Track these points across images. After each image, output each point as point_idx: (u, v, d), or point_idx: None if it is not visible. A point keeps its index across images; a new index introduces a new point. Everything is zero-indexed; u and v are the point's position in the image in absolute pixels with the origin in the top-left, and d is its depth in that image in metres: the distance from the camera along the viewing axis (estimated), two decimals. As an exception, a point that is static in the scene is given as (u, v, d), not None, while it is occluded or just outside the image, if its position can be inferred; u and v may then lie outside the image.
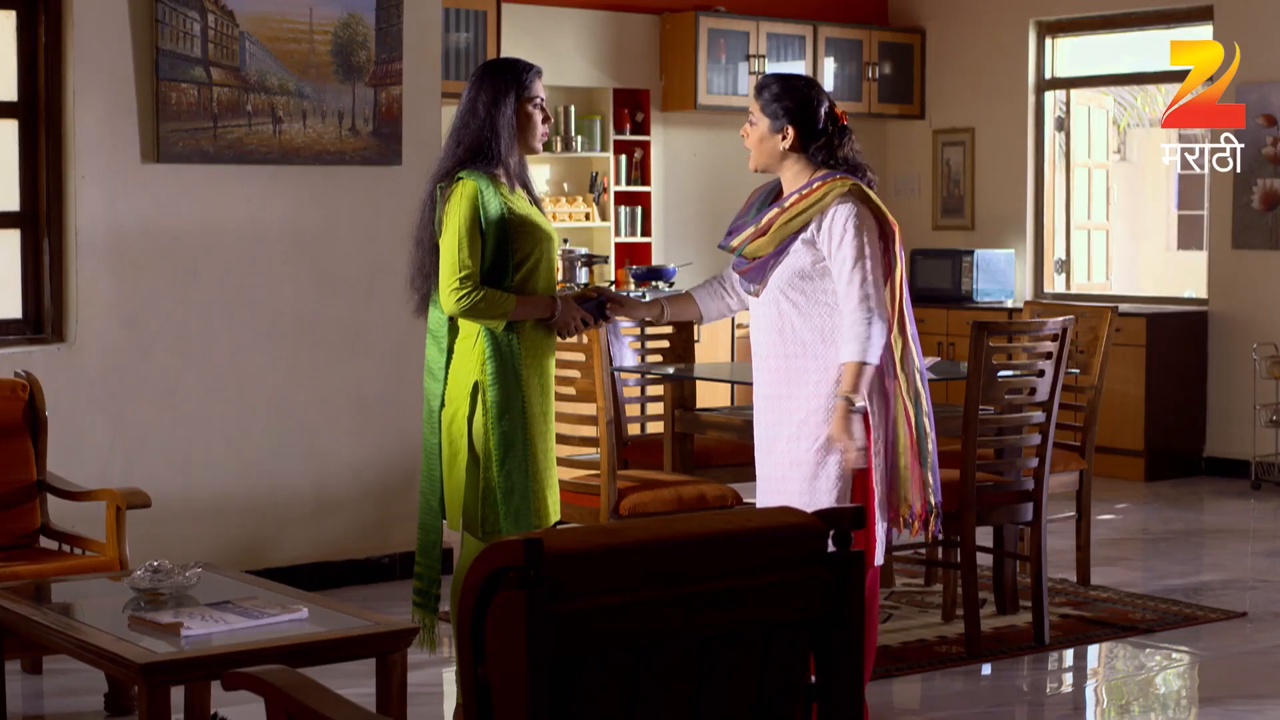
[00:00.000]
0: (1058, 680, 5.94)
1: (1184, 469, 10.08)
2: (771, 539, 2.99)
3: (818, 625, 3.01)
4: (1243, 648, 6.20)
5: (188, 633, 4.00)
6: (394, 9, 7.03)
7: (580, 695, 2.78)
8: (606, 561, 2.81)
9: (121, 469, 6.54)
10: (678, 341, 7.41)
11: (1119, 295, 11.17)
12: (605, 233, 10.57)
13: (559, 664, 2.74)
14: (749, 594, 2.93)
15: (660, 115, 10.76)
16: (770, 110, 4.70)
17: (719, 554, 2.93)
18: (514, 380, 4.82)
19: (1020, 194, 11.06)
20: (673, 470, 6.59)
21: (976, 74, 11.16)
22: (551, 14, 10.26)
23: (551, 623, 2.71)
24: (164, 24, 6.54)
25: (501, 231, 4.80)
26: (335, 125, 6.96)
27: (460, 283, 4.78)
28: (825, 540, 3.02)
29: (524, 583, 2.69)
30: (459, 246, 4.79)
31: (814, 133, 4.68)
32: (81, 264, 6.51)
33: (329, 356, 7.02)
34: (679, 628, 2.88)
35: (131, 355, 6.62)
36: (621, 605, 2.81)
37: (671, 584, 2.86)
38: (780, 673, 3.00)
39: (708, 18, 10.57)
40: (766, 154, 4.76)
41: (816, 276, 4.64)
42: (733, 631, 2.94)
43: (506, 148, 4.88)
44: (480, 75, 5.01)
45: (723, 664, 2.93)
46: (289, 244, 6.92)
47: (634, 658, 2.83)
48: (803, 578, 2.99)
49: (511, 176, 4.93)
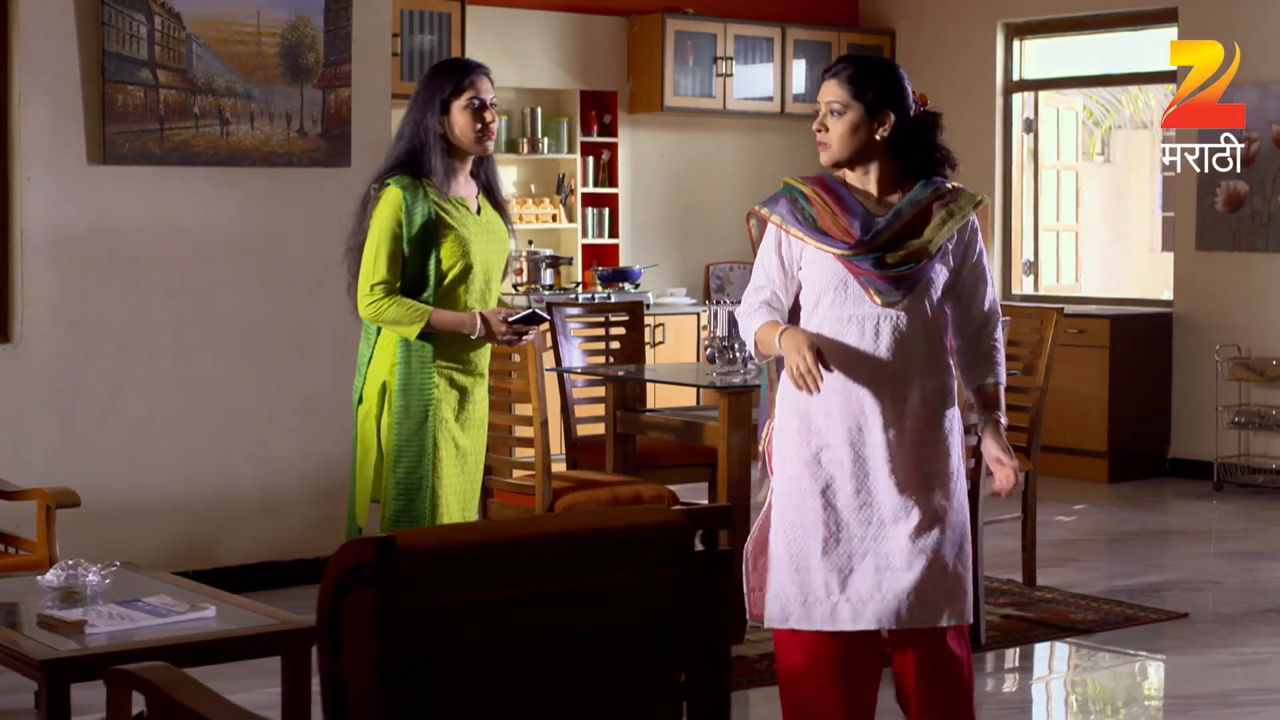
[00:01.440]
0: (983, 681, 5.95)
1: (1148, 470, 10.10)
2: (637, 538, 3.00)
3: (684, 624, 3.03)
4: (1178, 649, 6.22)
5: (92, 630, 4.03)
6: (343, 11, 7.06)
7: (439, 693, 2.80)
8: (464, 559, 2.83)
9: (67, 469, 6.56)
10: (628, 342, 7.44)
11: (1088, 297, 11.18)
12: (572, 234, 10.59)
13: (414, 661, 2.76)
14: (614, 592, 2.95)
15: (628, 117, 10.78)
16: (863, 95, 4.09)
17: (582, 552, 2.94)
18: (419, 386, 4.83)
19: (988, 195, 11.06)
20: (614, 471, 6.62)
21: (945, 76, 11.18)
22: (517, 16, 10.29)
23: (405, 620, 2.72)
24: (110, 26, 6.57)
25: (424, 241, 4.80)
26: (283, 127, 6.99)
27: (371, 290, 4.81)
28: (692, 539, 3.04)
29: (376, 580, 2.72)
30: (375, 254, 4.81)
31: (908, 119, 4.13)
32: (27, 265, 6.54)
33: (276, 357, 7.05)
34: (541, 625, 2.89)
35: (77, 356, 6.64)
36: (480, 603, 2.82)
37: (533, 582, 2.88)
38: (648, 671, 3.02)
39: (675, 20, 10.59)
40: (857, 145, 4.11)
41: (944, 291, 4.18)
42: (598, 629, 2.95)
43: (439, 154, 4.85)
44: (423, 78, 5.00)
45: (588, 662, 2.94)
46: (236, 245, 6.95)
47: (495, 655, 2.84)
48: (670, 576, 3.00)
49: (446, 183, 4.89)
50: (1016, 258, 11.16)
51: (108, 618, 4.12)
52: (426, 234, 4.79)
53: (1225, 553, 8.11)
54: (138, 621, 4.11)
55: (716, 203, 11.19)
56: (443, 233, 4.83)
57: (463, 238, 4.87)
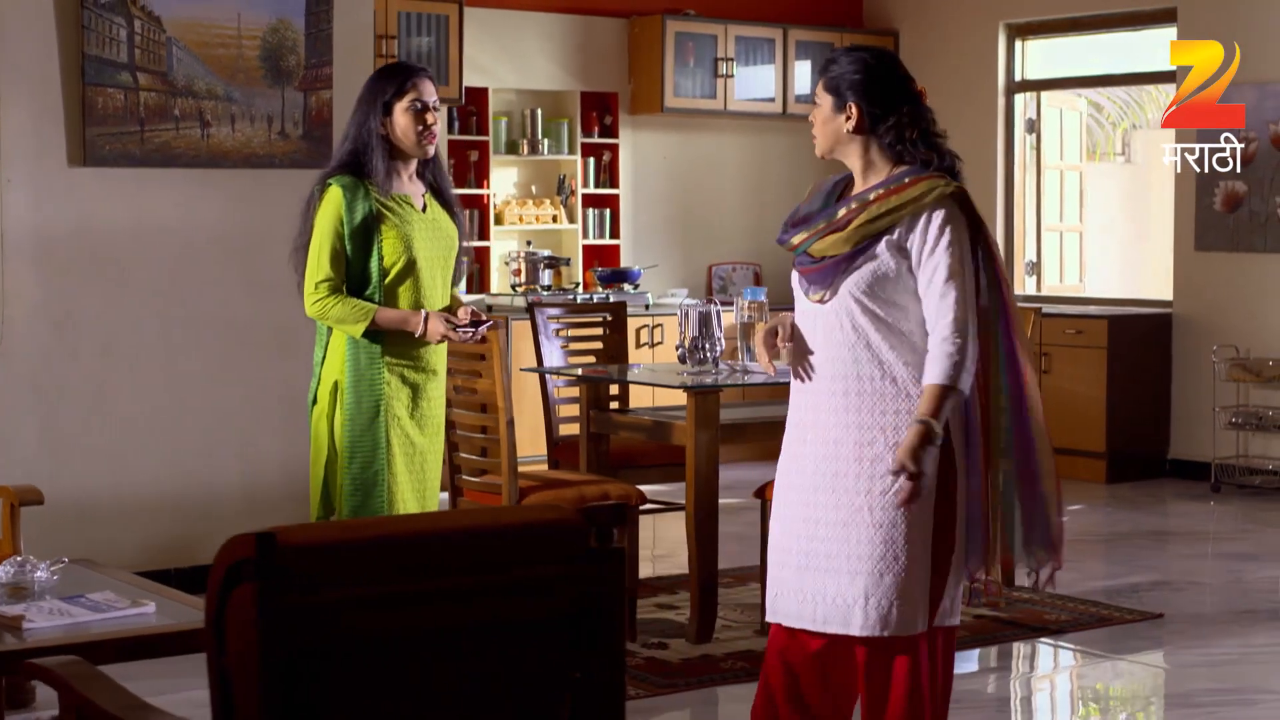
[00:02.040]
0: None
1: (1147, 471, 10.08)
2: (529, 535, 3.03)
3: (578, 621, 3.06)
4: (1145, 649, 6.22)
5: (29, 626, 4.08)
6: (324, 14, 7.12)
7: (325, 688, 2.83)
8: (349, 555, 2.86)
9: (51, 469, 6.63)
10: (611, 343, 7.47)
11: (1091, 297, 11.17)
12: (573, 235, 10.64)
13: (299, 657, 2.79)
14: (508, 589, 2.97)
15: (629, 118, 10.82)
16: (832, 86, 4.11)
17: (472, 549, 2.97)
18: (370, 382, 4.94)
19: (990, 196, 11.08)
20: (589, 470, 6.65)
21: (948, 76, 11.18)
22: (516, 18, 10.34)
23: (287, 616, 2.75)
24: (89, 30, 6.64)
25: (365, 238, 4.91)
26: (265, 129, 7.05)
27: (316, 288, 4.96)
28: (586, 537, 3.06)
29: (256, 575, 2.75)
30: (319, 253, 4.95)
31: (882, 111, 4.07)
32: (8, 266, 6.61)
33: (259, 357, 7.11)
34: (433, 622, 2.92)
35: (60, 356, 6.71)
36: (367, 599, 2.85)
37: (423, 578, 2.91)
38: (543, 668, 3.05)
39: (675, 21, 10.62)
40: (831, 137, 4.13)
41: (900, 287, 4.02)
42: (491, 626, 2.97)
43: (381, 155, 4.94)
44: (368, 81, 5.14)
45: (482, 658, 2.97)
46: (218, 246, 7.01)
47: (384, 651, 2.87)
48: (562, 574, 3.02)
49: (389, 182, 4.98)
50: (1019, 258, 11.16)
51: (47, 613, 4.17)
52: (367, 231, 4.90)
53: (1214, 554, 8.10)
54: (76, 617, 4.16)
55: (718, 204, 11.22)
56: (383, 230, 4.94)
57: (405, 234, 4.97)
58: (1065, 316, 10.11)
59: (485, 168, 10.29)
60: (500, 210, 10.39)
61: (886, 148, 4.09)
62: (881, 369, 4.03)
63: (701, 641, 6.14)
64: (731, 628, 6.38)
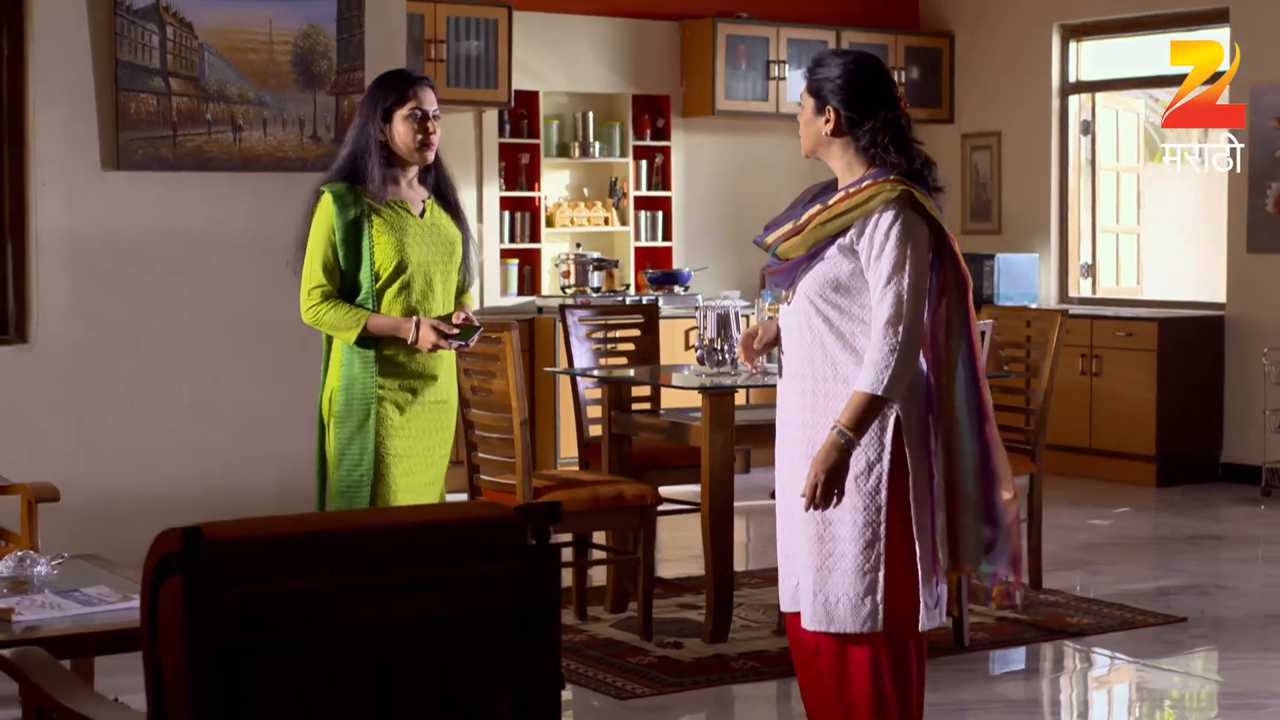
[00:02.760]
0: (957, 680, 5.93)
1: (1199, 475, 9.99)
2: (464, 531, 3.08)
3: (515, 617, 3.10)
4: (1161, 653, 6.18)
5: (19, 619, 4.16)
6: (355, 20, 7.21)
7: (254, 681, 2.89)
8: (277, 550, 2.92)
9: (82, 468, 6.76)
10: (642, 344, 7.50)
11: (1145, 300, 11.08)
12: (625, 237, 10.69)
13: (225, 649, 2.85)
14: (439, 584, 3.02)
15: (681, 121, 10.85)
16: (814, 89, 4.17)
17: (406, 545, 3.03)
18: (362, 386, 4.99)
19: (1045, 198, 11.03)
20: (610, 471, 6.69)
21: (1003, 77, 11.15)
22: (566, 21, 10.40)
23: (213, 608, 2.81)
24: (122, 36, 6.76)
25: (355, 244, 4.96)
26: (296, 133, 7.15)
27: (309, 294, 5.02)
28: (523, 534, 3.11)
29: (182, 569, 2.82)
30: (311, 259, 5.03)
31: (860, 116, 4.11)
32: (41, 267, 6.74)
33: (289, 357, 7.20)
34: (363, 616, 2.97)
35: (92, 356, 6.84)
36: (294, 593, 2.90)
37: (351, 573, 2.96)
38: (477, 663, 3.09)
39: (726, 24, 10.65)
40: (812, 139, 4.20)
41: (855, 289, 4.06)
42: (423, 621, 3.03)
43: (378, 162, 4.98)
44: (369, 88, 5.18)
45: (413, 653, 3.01)
46: (249, 248, 7.12)
47: (312, 645, 2.93)
48: (498, 570, 3.07)
49: (384, 189, 5.00)
50: (1074, 260, 11.09)
51: (38, 606, 4.26)
52: (358, 237, 4.96)
53: (1256, 558, 8.03)
54: (65, 610, 4.24)
55: (770, 205, 11.12)
56: (374, 235, 4.98)
57: (397, 240, 5.00)
58: (1116, 319, 10.05)
59: (536, 170, 10.36)
60: (551, 213, 10.45)
61: (861, 151, 4.13)
62: (834, 369, 4.09)
63: (717, 641, 6.16)
64: (751, 628, 6.39)
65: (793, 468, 4.19)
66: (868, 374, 3.97)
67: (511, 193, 10.31)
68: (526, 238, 10.34)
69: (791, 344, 4.19)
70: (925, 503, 4.07)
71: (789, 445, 4.23)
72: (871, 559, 4.06)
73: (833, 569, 4.10)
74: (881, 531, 4.05)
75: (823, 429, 4.06)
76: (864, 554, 4.06)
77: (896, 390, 3.97)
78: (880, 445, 4.07)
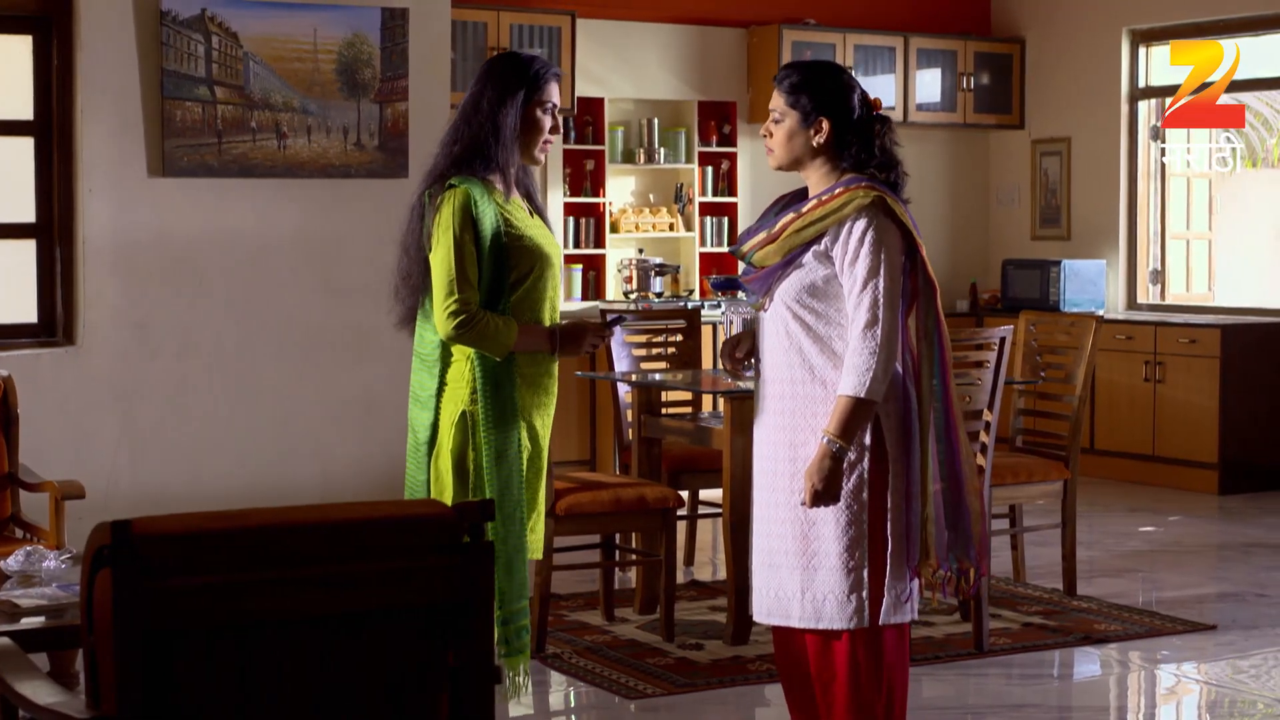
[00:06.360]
0: (967, 686, 5.95)
1: (1265, 483, 9.90)
2: (397, 527, 3.17)
3: (447, 611, 3.19)
4: (1182, 659, 6.16)
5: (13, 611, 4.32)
6: (399, 29, 7.34)
7: (187, 671, 2.99)
8: (207, 544, 3.03)
9: (128, 467, 6.94)
10: (684, 349, 7.58)
11: (1213, 306, 10.99)
12: (690, 243, 10.76)
13: (154, 639, 2.96)
14: (372, 580, 3.11)
15: (747, 127, 10.91)
16: (799, 103, 4.19)
17: (340, 540, 3.12)
18: (511, 415, 4.39)
19: (1114, 204, 10.97)
20: (639, 474, 6.76)
21: (1073, 83, 11.11)
22: (631, 29, 10.49)
23: (141, 600, 2.93)
24: (169, 46, 6.94)
25: (496, 247, 4.34)
26: (340, 140, 7.29)
27: (459, 305, 4.30)
28: (458, 531, 3.19)
29: (112, 561, 2.93)
30: (453, 264, 4.30)
31: (849, 125, 4.19)
32: (89, 271, 6.93)
33: (335, 361, 7.35)
34: (296, 609, 3.07)
35: (138, 358, 7.02)
36: (225, 586, 3.01)
37: (283, 567, 3.07)
38: (409, 657, 3.18)
39: (792, 30, 10.69)
40: (796, 151, 4.23)
41: (831, 294, 4.13)
42: (356, 614, 3.12)
43: (507, 152, 4.40)
44: (488, 69, 4.51)
45: (344, 646, 3.10)
46: (294, 253, 7.27)
47: (243, 637, 3.02)
48: (431, 565, 3.16)
49: (510, 184, 4.48)
50: (1142, 266, 11.03)
51: (35, 598, 4.41)
52: (497, 240, 4.34)
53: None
54: (59, 602, 4.39)
55: (836, 211, 11.23)
56: (513, 238, 4.38)
57: (534, 242, 4.44)
58: (1180, 325, 9.99)
59: (601, 176, 10.46)
60: (616, 219, 10.55)
61: (844, 162, 4.21)
62: (811, 374, 4.17)
63: (737, 643, 6.22)
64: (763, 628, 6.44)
65: (774, 468, 4.25)
66: (850, 378, 4.04)
67: (577, 198, 10.41)
68: (591, 243, 10.44)
69: (769, 349, 4.25)
70: (901, 501, 4.16)
71: (767, 449, 4.29)
72: (856, 556, 4.15)
73: (819, 567, 4.19)
74: (865, 529, 4.14)
75: (802, 431, 4.16)
76: (848, 552, 4.15)
77: (878, 392, 4.04)
78: (861, 445, 4.15)
